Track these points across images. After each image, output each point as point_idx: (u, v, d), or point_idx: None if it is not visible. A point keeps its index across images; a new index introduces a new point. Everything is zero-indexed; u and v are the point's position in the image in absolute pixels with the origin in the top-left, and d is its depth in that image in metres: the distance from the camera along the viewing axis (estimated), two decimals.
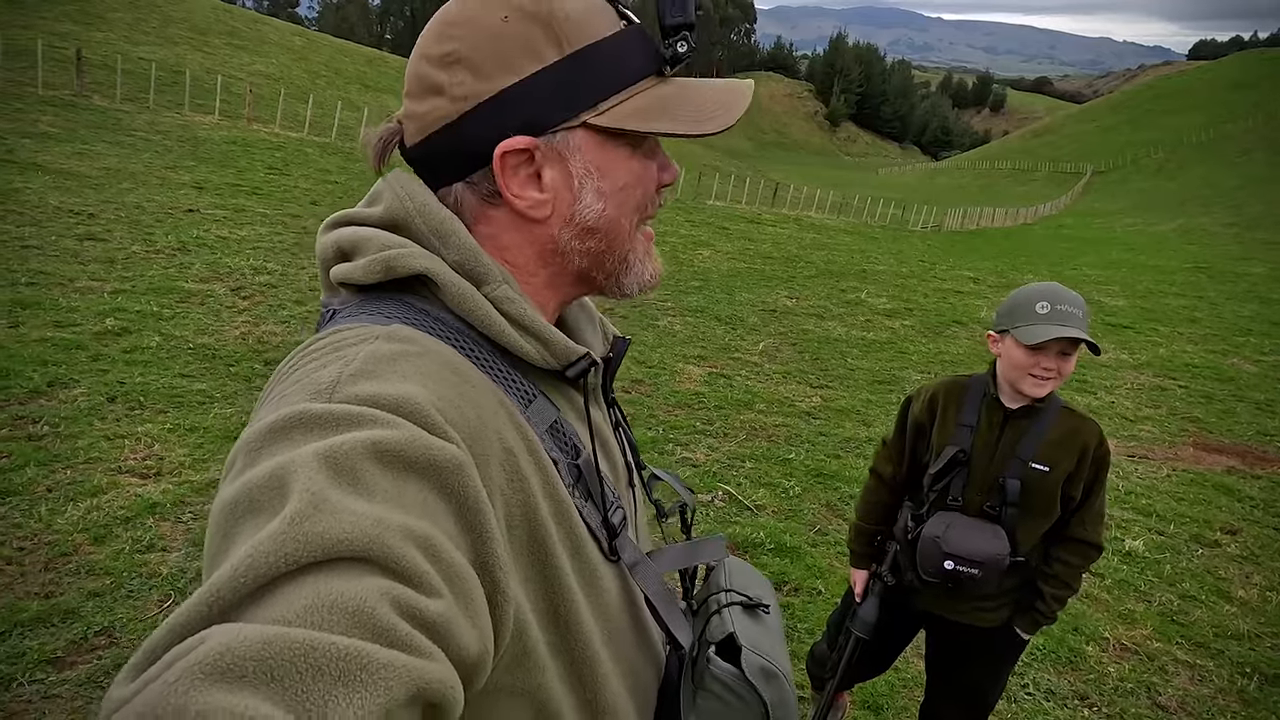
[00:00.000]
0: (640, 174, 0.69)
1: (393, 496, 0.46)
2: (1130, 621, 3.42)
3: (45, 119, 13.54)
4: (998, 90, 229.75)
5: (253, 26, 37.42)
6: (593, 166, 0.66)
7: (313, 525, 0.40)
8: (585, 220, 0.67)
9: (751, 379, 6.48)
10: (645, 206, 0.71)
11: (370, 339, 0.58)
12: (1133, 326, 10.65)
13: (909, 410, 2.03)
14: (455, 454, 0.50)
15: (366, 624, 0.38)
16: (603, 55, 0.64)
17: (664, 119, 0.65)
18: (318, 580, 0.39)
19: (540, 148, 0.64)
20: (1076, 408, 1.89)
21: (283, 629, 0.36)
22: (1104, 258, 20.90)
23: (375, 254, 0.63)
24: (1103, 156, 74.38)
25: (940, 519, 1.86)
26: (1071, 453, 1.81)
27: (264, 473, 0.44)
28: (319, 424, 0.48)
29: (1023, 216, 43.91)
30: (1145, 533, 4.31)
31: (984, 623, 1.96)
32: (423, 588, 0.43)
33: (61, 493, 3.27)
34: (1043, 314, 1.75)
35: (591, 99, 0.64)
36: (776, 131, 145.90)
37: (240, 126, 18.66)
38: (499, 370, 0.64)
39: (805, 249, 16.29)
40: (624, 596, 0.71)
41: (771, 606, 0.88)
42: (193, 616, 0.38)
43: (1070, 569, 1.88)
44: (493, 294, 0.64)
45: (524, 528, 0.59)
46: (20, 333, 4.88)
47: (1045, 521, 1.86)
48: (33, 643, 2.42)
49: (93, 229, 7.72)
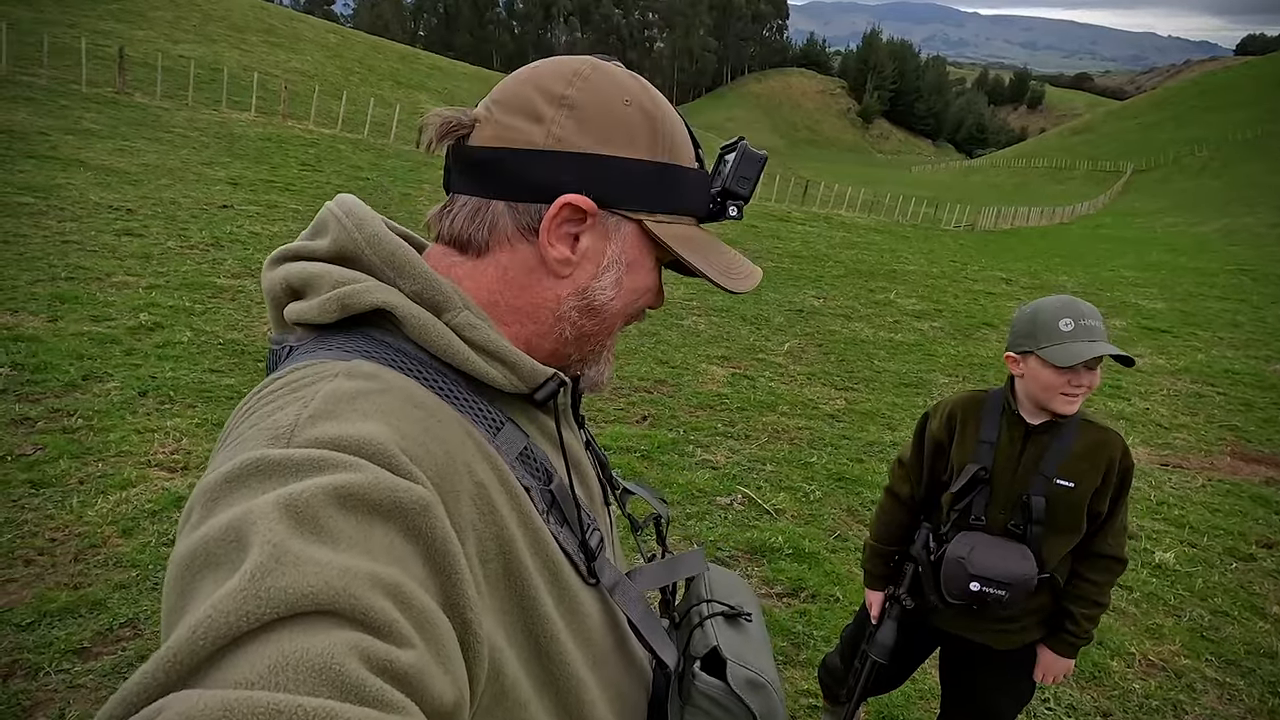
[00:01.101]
0: (650, 287, 0.73)
1: (358, 543, 0.44)
2: (1158, 636, 3.33)
3: (88, 116, 13.89)
4: (1035, 87, 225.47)
5: (289, 24, 38.01)
6: (625, 259, 0.69)
7: (275, 580, 0.39)
8: (595, 298, 0.69)
9: (775, 380, 6.43)
10: (633, 316, 0.75)
11: (329, 377, 0.56)
12: (1171, 330, 10.40)
13: (926, 428, 1.97)
14: (421, 495, 0.49)
15: (335, 681, 0.37)
16: (678, 178, 0.70)
17: (702, 257, 0.71)
18: (281, 638, 0.38)
19: (597, 216, 0.67)
20: (1095, 418, 1.84)
21: (245, 693, 0.34)
22: (1143, 259, 20.42)
23: (329, 292, 0.61)
24: (1144, 154, 72.62)
25: (964, 539, 1.80)
26: (1097, 466, 1.75)
27: (221, 525, 0.43)
28: (278, 471, 0.47)
29: (1059, 216, 43.06)
30: (1177, 545, 4.20)
31: (1005, 644, 1.91)
32: (393, 638, 0.41)
33: (93, 485, 3.36)
34: (1068, 331, 1.70)
35: (656, 206, 0.70)
36: (808, 129, 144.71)
37: (275, 123, 18.98)
38: (464, 400, 0.63)
39: (834, 248, 16.14)
40: (606, 619, 0.70)
41: (754, 613, 0.87)
42: (149, 684, 0.36)
43: (1097, 587, 1.83)
44: (454, 321, 0.63)
45: (498, 561, 0.58)
46: (58, 327, 5.01)
47: (1072, 538, 1.81)
48: (60, 633, 2.48)
49: (130, 224, 7.91)
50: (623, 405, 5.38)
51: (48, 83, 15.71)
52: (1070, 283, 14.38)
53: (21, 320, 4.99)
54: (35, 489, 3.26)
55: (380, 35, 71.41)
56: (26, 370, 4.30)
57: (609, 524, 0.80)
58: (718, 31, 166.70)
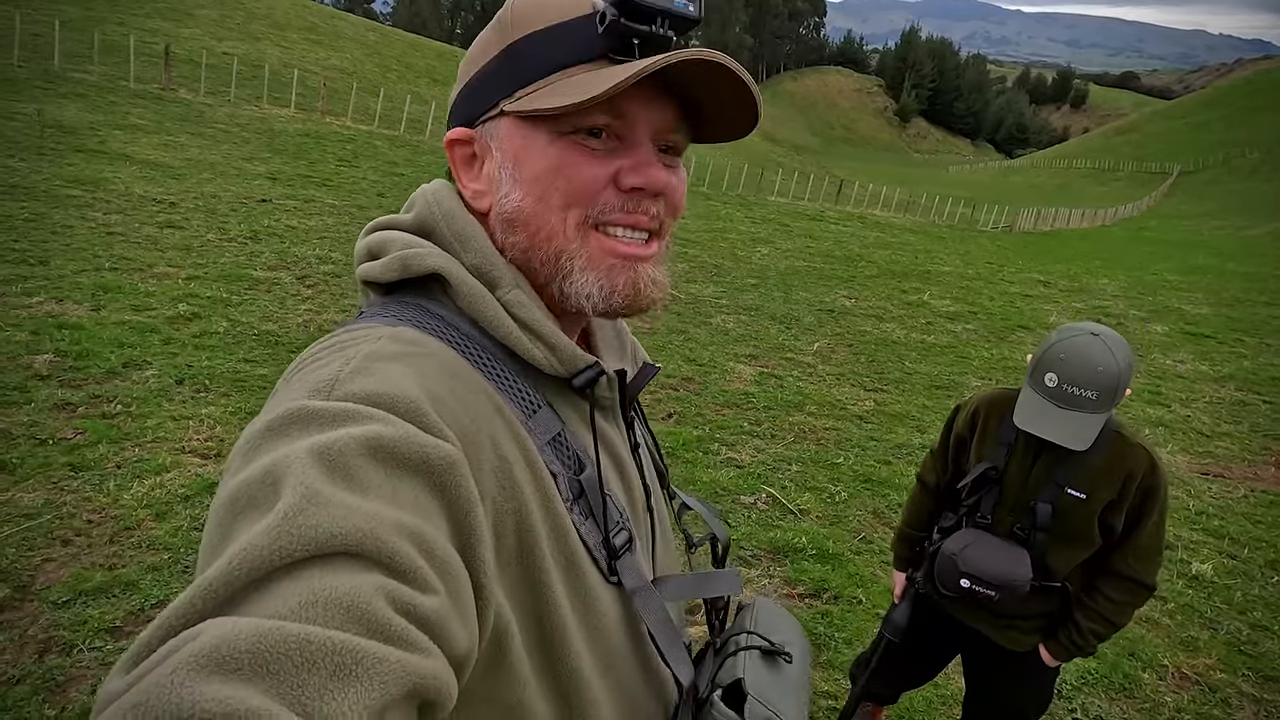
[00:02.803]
0: (561, 164, 0.63)
1: (386, 493, 0.46)
2: (1193, 649, 3.24)
3: (135, 111, 14.25)
4: (1079, 85, 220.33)
5: (329, 22, 38.61)
6: (509, 154, 0.65)
7: (306, 519, 0.40)
8: (505, 211, 0.66)
9: (803, 380, 6.38)
10: (590, 207, 0.64)
11: (374, 339, 0.59)
12: (1215, 336, 10.10)
13: (954, 422, 1.99)
14: (449, 452, 0.51)
15: (362, 619, 0.38)
16: (537, 43, 0.63)
17: (550, 97, 0.61)
18: (312, 575, 0.39)
19: (477, 139, 0.67)
20: (1129, 430, 1.76)
21: (278, 623, 0.36)
22: (1188, 263, 19.86)
23: (396, 253, 0.65)
24: (1191, 155, 70.62)
25: (962, 536, 1.80)
26: (1114, 480, 1.70)
27: (260, 469, 0.45)
28: (315, 420, 0.49)
29: (1101, 218, 42.06)
30: (1215, 556, 4.08)
31: (1016, 645, 1.89)
32: (417, 583, 0.43)
33: (129, 469, 3.45)
34: (1049, 387, 1.63)
35: (513, 86, 0.64)
36: (844, 127, 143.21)
37: (314, 119, 19.30)
38: (505, 377, 0.64)
39: (868, 248, 15.95)
40: (625, 623, 0.68)
41: (797, 655, 0.84)
42: (187, 610, 0.38)
43: (1114, 605, 1.77)
44: (504, 297, 0.65)
45: (514, 536, 0.58)
46: (101, 315, 5.15)
47: (1082, 550, 1.77)
48: (94, 611, 2.55)
49: (173, 217, 8.10)
50: (648, 402, 5.38)
51: (97, 79, 16.15)
52: (1111, 286, 14.04)
53: (66, 309, 5.14)
54: (75, 472, 3.35)
55: (418, 33, 72.26)
56: (70, 357, 4.43)
57: (650, 530, 0.78)
58: (753, 29, 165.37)
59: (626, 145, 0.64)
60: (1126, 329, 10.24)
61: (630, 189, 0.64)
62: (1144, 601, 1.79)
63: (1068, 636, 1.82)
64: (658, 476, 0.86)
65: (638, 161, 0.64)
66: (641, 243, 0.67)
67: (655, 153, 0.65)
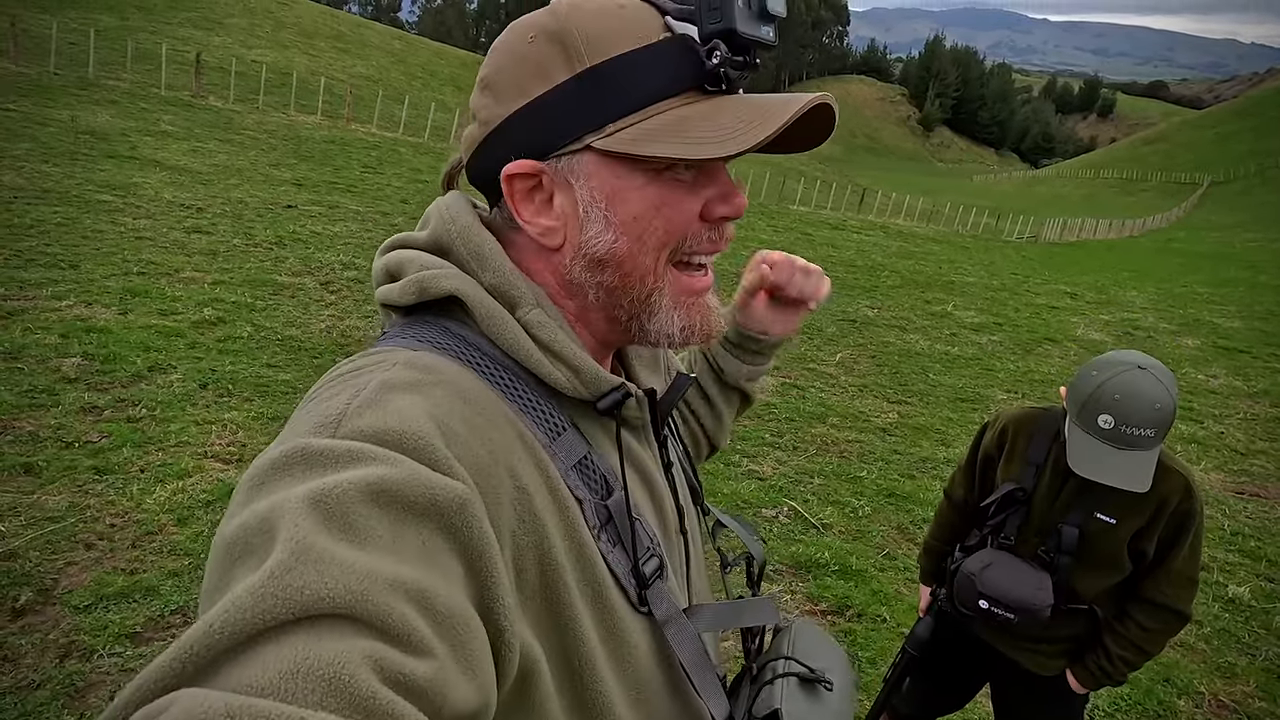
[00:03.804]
0: (660, 204, 0.61)
1: (386, 543, 0.44)
2: (1230, 676, 3.14)
3: (166, 118, 14.51)
4: (1106, 95, 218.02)
5: (356, 30, 39.16)
6: (600, 194, 0.61)
7: (294, 579, 0.39)
8: (594, 251, 0.62)
9: (826, 391, 6.31)
10: (681, 243, 0.63)
11: (389, 365, 0.56)
12: (1249, 351, 9.88)
13: (981, 439, 1.95)
14: (460, 492, 0.48)
15: (344, 693, 0.36)
16: (621, 72, 0.58)
17: (668, 141, 0.58)
18: (297, 641, 0.37)
19: (547, 172, 0.62)
20: (1165, 454, 1.64)
21: (250, 700, 0.34)
22: (1218, 275, 19.50)
23: (413, 275, 0.63)
24: (1222, 166, 69.51)
25: (981, 556, 1.76)
26: (1147, 506, 1.62)
27: (258, 515, 0.43)
28: (318, 462, 0.47)
29: (1129, 229, 41.46)
30: (1253, 578, 3.96)
31: (1040, 669, 1.84)
32: (411, 648, 0.40)
33: (153, 474, 3.46)
34: (1104, 429, 1.54)
35: (598, 120, 0.59)
36: (867, 136, 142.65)
37: (340, 126, 19.55)
38: (528, 400, 0.61)
39: (890, 257, 15.83)
40: (658, 655, 0.65)
41: (839, 683, 0.80)
42: (164, 674, 0.36)
43: (1146, 633, 1.71)
44: (524, 317, 0.62)
45: (535, 569, 0.56)
46: (129, 319, 5.21)
47: (1112, 575, 1.71)
48: (115, 616, 2.56)
49: (200, 222, 8.21)
50: None
51: (130, 86, 16.48)
52: (1140, 298, 13.81)
53: (95, 312, 5.21)
54: (99, 475, 3.38)
55: (443, 41, 73.04)
56: (97, 360, 4.48)
57: (683, 554, 0.75)
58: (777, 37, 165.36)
59: (706, 173, 0.63)
60: (1156, 342, 10.05)
61: (718, 219, 0.64)
62: (1178, 630, 1.73)
63: (1096, 663, 1.76)
64: (691, 494, 0.83)
65: (723, 191, 0.63)
66: (705, 272, 0.67)
67: (729, 177, 0.65)
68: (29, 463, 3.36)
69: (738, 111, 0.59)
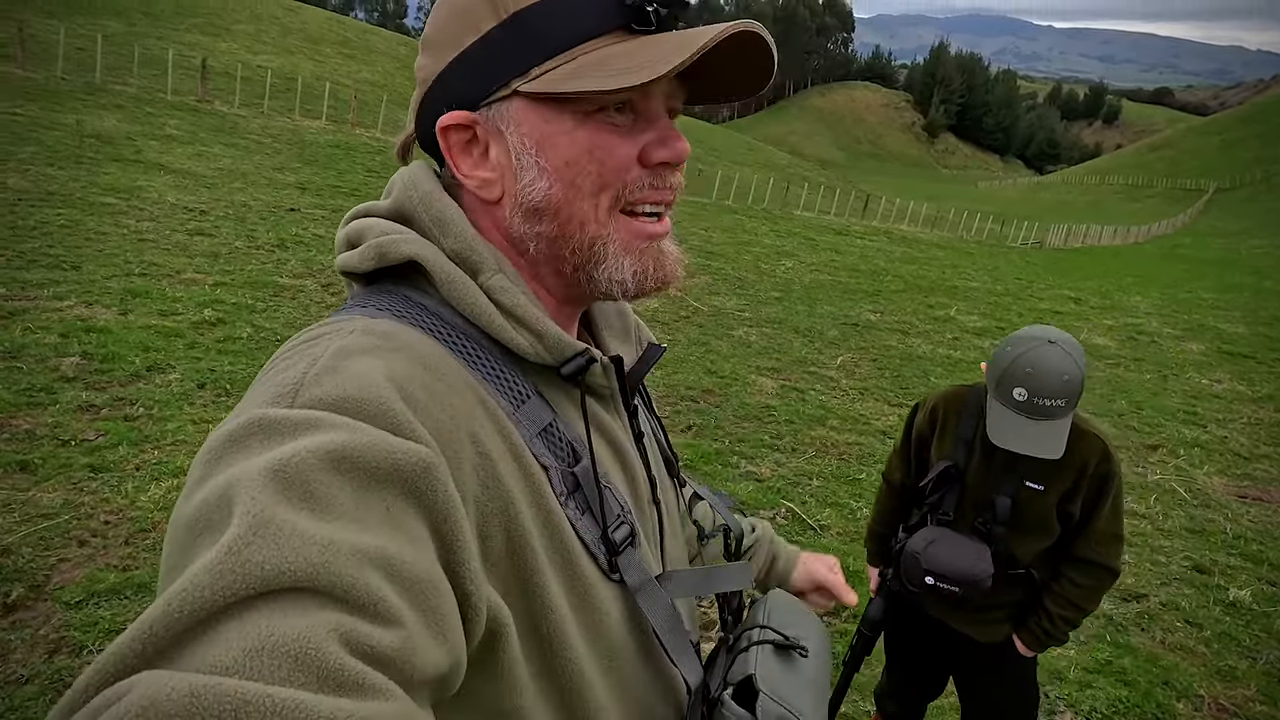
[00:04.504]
0: (592, 147, 0.60)
1: (349, 511, 0.43)
2: (1230, 679, 3.10)
3: (172, 123, 14.57)
4: (1112, 101, 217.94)
5: (362, 37, 39.36)
6: (530, 140, 0.60)
7: (253, 554, 0.38)
8: (530, 200, 0.61)
9: (826, 394, 6.29)
10: (621, 189, 0.62)
11: (346, 332, 0.56)
12: (1254, 356, 9.83)
13: (914, 421, 2.01)
14: (423, 455, 0.47)
15: (311, 666, 0.35)
16: (546, 16, 0.58)
17: (587, 77, 0.57)
18: (259, 617, 0.37)
19: (480, 122, 0.62)
20: (1084, 419, 1.76)
21: (214, 680, 0.33)
22: (1224, 281, 19.42)
23: (372, 240, 0.62)
24: (1228, 173, 69.33)
25: (925, 534, 1.83)
26: (1070, 470, 1.73)
27: (217, 488, 0.42)
28: (275, 431, 0.46)
29: (1134, 235, 41.36)
30: (1254, 582, 3.93)
31: (987, 637, 1.92)
32: (378, 617, 0.40)
33: (148, 472, 3.46)
34: (1019, 402, 1.65)
35: (524, 64, 0.59)
36: (871, 142, 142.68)
37: (344, 131, 19.62)
38: (491, 367, 0.61)
39: (894, 262, 15.80)
40: (630, 622, 0.65)
41: (814, 649, 0.80)
42: (125, 656, 0.35)
43: (1080, 589, 1.81)
44: (487, 283, 0.61)
45: (501, 535, 0.55)
46: (129, 320, 5.22)
47: (1044, 539, 1.80)
48: (106, 613, 2.55)
49: (203, 225, 8.23)
50: (668, 414, 5.33)
51: (136, 91, 16.56)
52: (1144, 303, 13.75)
53: (95, 312, 5.22)
54: (94, 473, 3.38)
55: None
56: (96, 360, 4.48)
57: (657, 523, 0.75)
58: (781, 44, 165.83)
59: (644, 118, 0.62)
60: (1160, 347, 10.01)
61: (657, 164, 0.62)
62: (1110, 585, 1.83)
63: (1038, 624, 1.85)
64: (665, 466, 0.83)
65: (662, 135, 0.62)
66: (659, 219, 0.66)
67: (671, 122, 0.64)
68: (25, 460, 3.36)
69: (660, 45, 0.57)
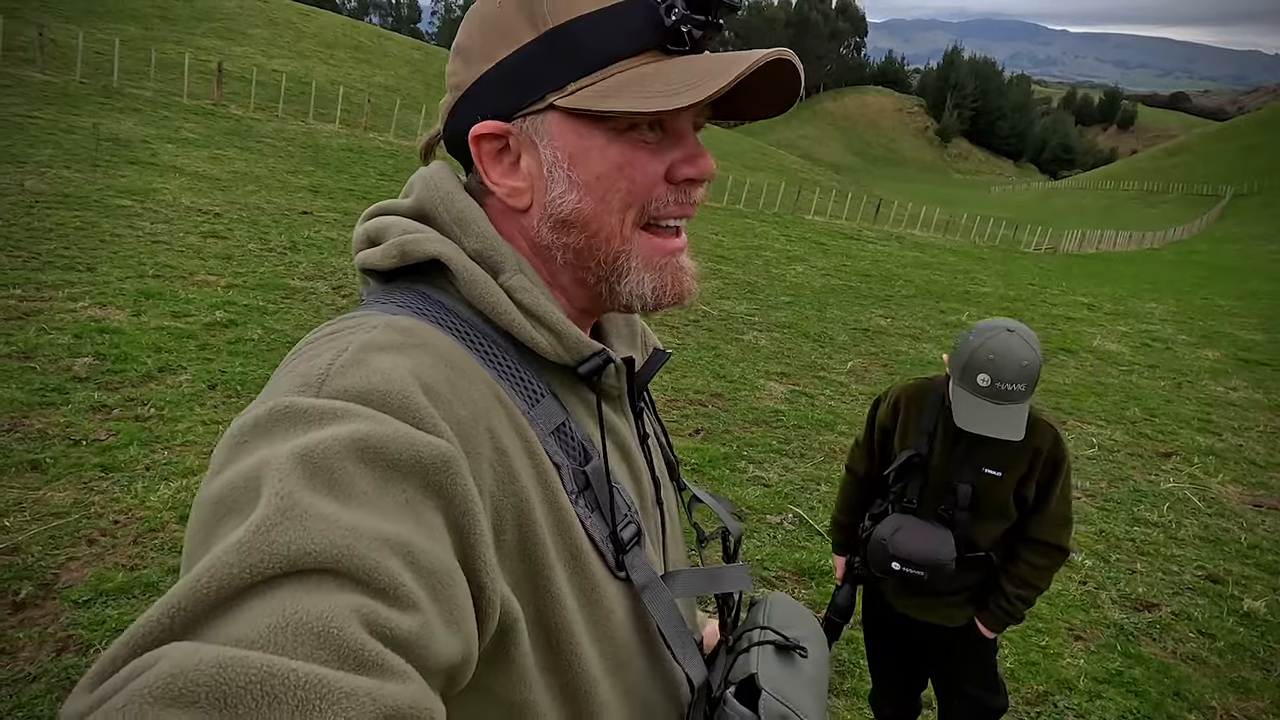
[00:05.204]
0: (623, 163, 0.61)
1: (372, 499, 0.44)
2: (1243, 691, 3.06)
3: (187, 126, 14.73)
4: (1127, 106, 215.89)
5: (376, 41, 39.64)
6: (563, 153, 0.61)
7: (279, 534, 0.39)
8: (559, 212, 0.63)
9: (835, 399, 6.27)
10: (647, 204, 0.63)
11: (370, 327, 0.57)
12: (1271, 363, 9.72)
13: (875, 414, 2.08)
14: (444, 449, 0.49)
15: (332, 645, 0.37)
16: (584, 32, 0.59)
17: (624, 97, 0.58)
18: (284, 595, 0.38)
19: (514, 133, 0.63)
20: (1039, 412, 1.86)
21: (240, 652, 0.34)
22: (1240, 287, 19.22)
23: (394, 239, 0.63)
24: (1245, 178, 68.63)
25: (891, 521, 1.90)
26: (1025, 456, 1.83)
27: (243, 471, 0.43)
28: (302, 419, 0.47)
29: (1149, 241, 41.04)
30: (1269, 593, 3.87)
31: (951, 620, 2.00)
32: (397, 602, 0.41)
33: (158, 472, 3.49)
34: (983, 388, 1.74)
35: (561, 79, 0.60)
36: (884, 147, 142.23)
37: (358, 134, 19.76)
38: (507, 367, 0.62)
39: (905, 267, 15.74)
40: (635, 620, 0.66)
41: (816, 651, 0.81)
42: (153, 629, 0.36)
43: (1034, 569, 1.91)
44: (507, 283, 0.62)
45: (514, 531, 0.56)
46: (141, 321, 5.27)
47: (1001, 523, 1.90)
48: (114, 612, 2.57)
49: (216, 227, 8.30)
50: (676, 418, 5.32)
51: (153, 94, 16.75)
52: (1159, 309, 13.63)
53: (109, 313, 5.27)
54: (105, 473, 3.41)
55: None
56: (108, 360, 4.53)
57: (659, 524, 0.76)
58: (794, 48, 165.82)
59: (673, 136, 0.64)
60: (1175, 353, 9.92)
61: (683, 181, 0.64)
62: (1061, 564, 1.93)
63: (997, 604, 1.94)
64: (667, 469, 0.84)
65: (689, 153, 0.64)
66: (678, 234, 0.67)
67: (697, 140, 0.65)
68: (36, 460, 3.39)
69: (696, 68, 0.59)
